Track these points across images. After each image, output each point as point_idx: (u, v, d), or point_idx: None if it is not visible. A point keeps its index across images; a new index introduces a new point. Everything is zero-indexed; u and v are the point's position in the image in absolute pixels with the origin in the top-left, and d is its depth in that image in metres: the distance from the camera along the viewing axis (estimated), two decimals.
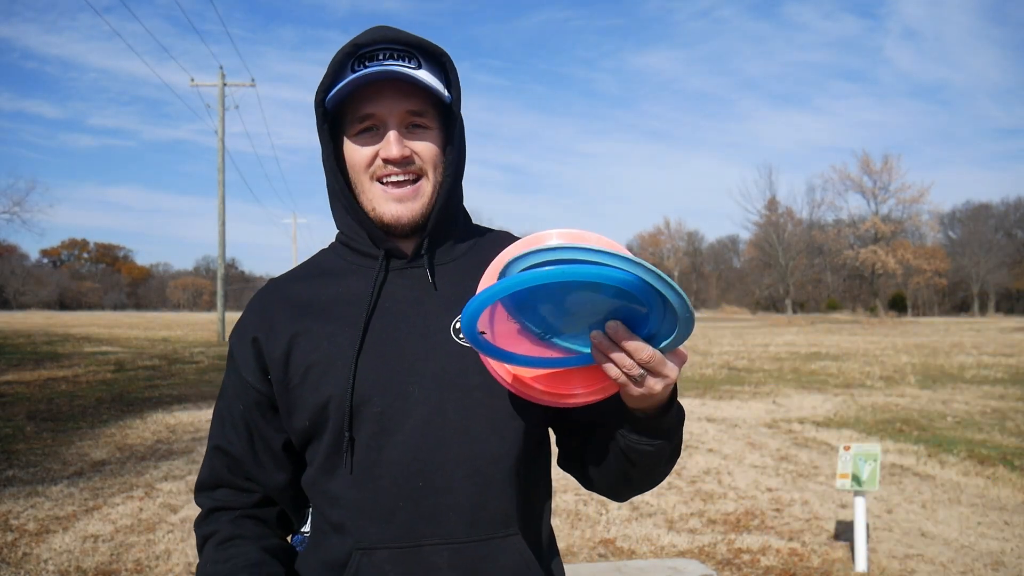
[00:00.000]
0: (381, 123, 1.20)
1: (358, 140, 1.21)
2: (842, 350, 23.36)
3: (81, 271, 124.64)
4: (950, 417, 10.33)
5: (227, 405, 1.29)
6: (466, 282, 1.22)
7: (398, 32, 1.20)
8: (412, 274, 1.24)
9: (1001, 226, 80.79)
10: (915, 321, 56.69)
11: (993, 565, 4.73)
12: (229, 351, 1.30)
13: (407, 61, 1.19)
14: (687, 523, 5.52)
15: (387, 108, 1.18)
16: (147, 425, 9.23)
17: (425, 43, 1.20)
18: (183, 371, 16.12)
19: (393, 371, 1.17)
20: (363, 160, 1.20)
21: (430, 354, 1.18)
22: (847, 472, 4.68)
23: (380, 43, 1.18)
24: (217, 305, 28.06)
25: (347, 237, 1.28)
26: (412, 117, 1.20)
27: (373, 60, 1.18)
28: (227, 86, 28.29)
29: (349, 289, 1.24)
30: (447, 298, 1.22)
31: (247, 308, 1.32)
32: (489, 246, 1.27)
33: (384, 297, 1.22)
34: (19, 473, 6.68)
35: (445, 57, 1.22)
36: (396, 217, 1.21)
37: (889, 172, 68.30)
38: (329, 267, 1.29)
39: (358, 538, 1.15)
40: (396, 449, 1.15)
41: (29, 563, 4.56)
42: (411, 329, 1.20)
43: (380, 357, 1.18)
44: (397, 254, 1.24)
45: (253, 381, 1.24)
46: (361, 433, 1.16)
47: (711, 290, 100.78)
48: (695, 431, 9.27)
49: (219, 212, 27.76)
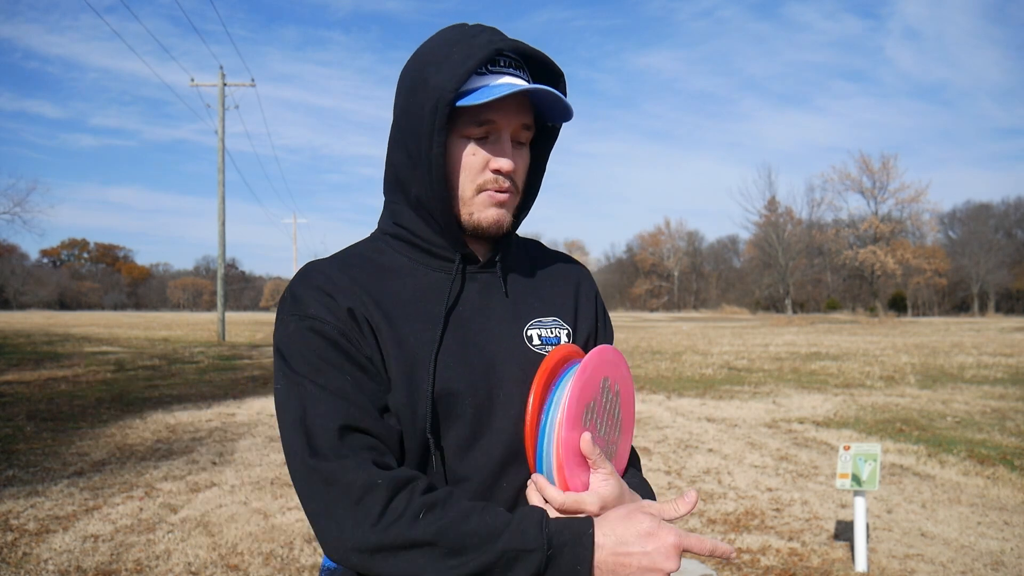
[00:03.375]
0: (495, 132, 1.16)
1: (474, 145, 1.17)
2: (842, 350, 23.35)
3: (81, 271, 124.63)
4: (950, 417, 10.33)
5: (321, 388, 1.08)
6: (527, 290, 1.28)
7: (526, 45, 1.18)
8: (482, 279, 1.24)
9: (1001, 226, 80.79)
10: (915, 321, 56.68)
11: (993, 565, 4.73)
12: (307, 324, 1.12)
13: (522, 73, 1.17)
14: (687, 523, 5.52)
15: (508, 119, 1.16)
16: (147, 425, 9.22)
17: (547, 59, 1.19)
18: (183, 371, 16.12)
19: (480, 373, 1.17)
20: (477, 166, 1.16)
21: (509, 358, 1.19)
22: (847, 472, 4.68)
23: (512, 52, 1.15)
24: (217, 305, 28.07)
25: (410, 234, 1.22)
26: (523, 132, 1.19)
27: (496, 65, 1.14)
28: (227, 86, 28.29)
29: (419, 287, 1.20)
30: (516, 305, 1.25)
31: (316, 280, 1.16)
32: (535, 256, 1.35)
33: (463, 301, 1.21)
34: (19, 473, 6.68)
35: (562, 77, 1.21)
36: (497, 222, 1.19)
37: (888, 172, 68.34)
38: (388, 264, 1.22)
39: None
40: (485, 451, 1.15)
41: (29, 563, 4.56)
42: (488, 334, 1.20)
43: (464, 359, 1.16)
44: (471, 259, 1.24)
45: (368, 351, 1.12)
46: (450, 434, 1.14)
47: (711, 290, 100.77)
48: (695, 431, 9.27)
49: (219, 212, 27.75)
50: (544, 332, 1.24)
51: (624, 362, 1.24)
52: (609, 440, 1.20)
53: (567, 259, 1.40)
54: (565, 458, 1.12)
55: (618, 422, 1.23)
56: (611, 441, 1.21)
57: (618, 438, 1.23)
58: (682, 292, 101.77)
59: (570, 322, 1.29)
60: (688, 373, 16.41)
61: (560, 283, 1.33)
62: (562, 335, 1.26)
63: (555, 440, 1.12)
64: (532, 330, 1.23)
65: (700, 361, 19.27)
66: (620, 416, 1.23)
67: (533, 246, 1.39)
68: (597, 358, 1.16)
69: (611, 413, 1.21)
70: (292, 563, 4.61)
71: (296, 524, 5.34)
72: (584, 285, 1.35)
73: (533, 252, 1.37)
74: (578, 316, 1.31)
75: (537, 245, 1.40)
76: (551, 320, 1.26)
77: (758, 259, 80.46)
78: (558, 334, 1.25)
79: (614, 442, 1.22)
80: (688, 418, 10.29)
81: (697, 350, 23.63)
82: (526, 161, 1.23)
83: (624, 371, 1.24)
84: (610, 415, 1.20)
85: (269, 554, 4.76)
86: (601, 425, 1.18)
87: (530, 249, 1.37)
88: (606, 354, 1.19)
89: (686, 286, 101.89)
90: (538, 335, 1.23)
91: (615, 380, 1.21)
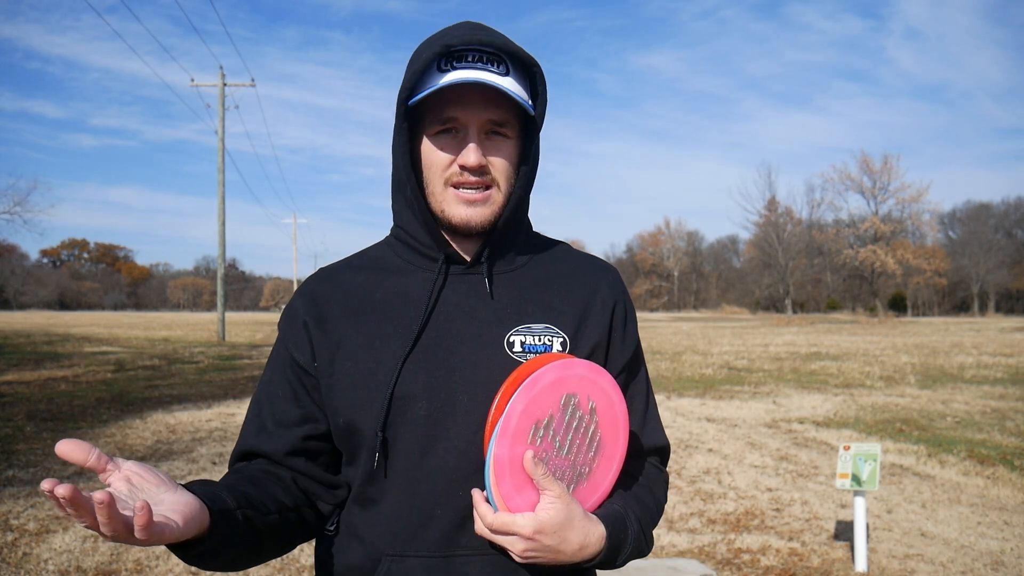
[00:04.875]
0: (462, 127, 1.16)
1: (437, 141, 1.17)
2: (842, 350, 23.35)
3: (81, 271, 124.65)
4: (950, 417, 10.33)
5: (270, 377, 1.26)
6: (523, 294, 1.22)
7: (491, 34, 1.16)
8: (470, 280, 1.22)
9: (1001, 226, 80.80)
10: (915, 321, 56.68)
11: (993, 565, 4.73)
12: (279, 334, 1.27)
13: (495, 66, 1.15)
14: (687, 523, 5.52)
15: (470, 114, 1.15)
16: (147, 425, 9.22)
17: (516, 49, 1.16)
18: (183, 371, 16.12)
19: (443, 376, 1.15)
20: (441, 162, 1.17)
21: (481, 364, 1.16)
22: (847, 472, 4.68)
23: (472, 45, 1.14)
24: (217, 305, 28.07)
25: (406, 235, 1.24)
26: (493, 126, 1.17)
27: (462, 60, 1.14)
28: (227, 86, 28.29)
29: (405, 289, 1.22)
30: (503, 308, 1.20)
31: (298, 293, 1.28)
32: (549, 260, 1.29)
33: (440, 301, 1.20)
34: (19, 473, 6.68)
35: (536, 67, 1.18)
36: (466, 220, 1.18)
37: (889, 172, 68.27)
38: (386, 263, 1.26)
39: (390, 543, 1.14)
40: (439, 456, 1.13)
41: (29, 563, 4.56)
42: (464, 336, 1.18)
43: (431, 361, 1.16)
44: (457, 259, 1.22)
45: (300, 359, 1.22)
46: (405, 436, 1.14)
47: (711, 290, 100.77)
48: (695, 431, 9.27)
49: (219, 212, 27.75)
50: (530, 339, 1.18)
51: (608, 379, 1.15)
52: (577, 462, 1.13)
53: (592, 265, 1.32)
54: (504, 475, 1.07)
55: (595, 443, 1.14)
56: (580, 463, 1.13)
57: (593, 459, 1.14)
58: (682, 292, 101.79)
59: (569, 331, 1.21)
60: (688, 373, 16.41)
61: (571, 289, 1.26)
62: (554, 343, 1.19)
63: (491, 454, 1.07)
64: (516, 336, 1.18)
65: (700, 361, 19.27)
66: (599, 436, 1.14)
67: (559, 248, 1.34)
68: (557, 372, 1.09)
69: (580, 432, 1.12)
70: (292, 563, 4.61)
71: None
72: (603, 293, 1.27)
73: (554, 255, 1.31)
74: (583, 325, 1.23)
75: (564, 248, 1.34)
76: (542, 327, 1.19)
77: (758, 259, 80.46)
78: (548, 342, 1.18)
79: (585, 464, 1.14)
80: (688, 418, 10.29)
81: (697, 350, 23.63)
82: (507, 154, 1.19)
83: (606, 387, 1.14)
84: (579, 434, 1.12)
85: None
86: (563, 445, 1.11)
87: (552, 250, 1.32)
88: (575, 368, 1.11)
89: (686, 286, 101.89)
90: (521, 342, 1.17)
91: (590, 397, 1.12)
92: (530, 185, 1.25)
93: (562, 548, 1.07)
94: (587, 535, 1.09)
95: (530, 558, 1.08)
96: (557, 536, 1.06)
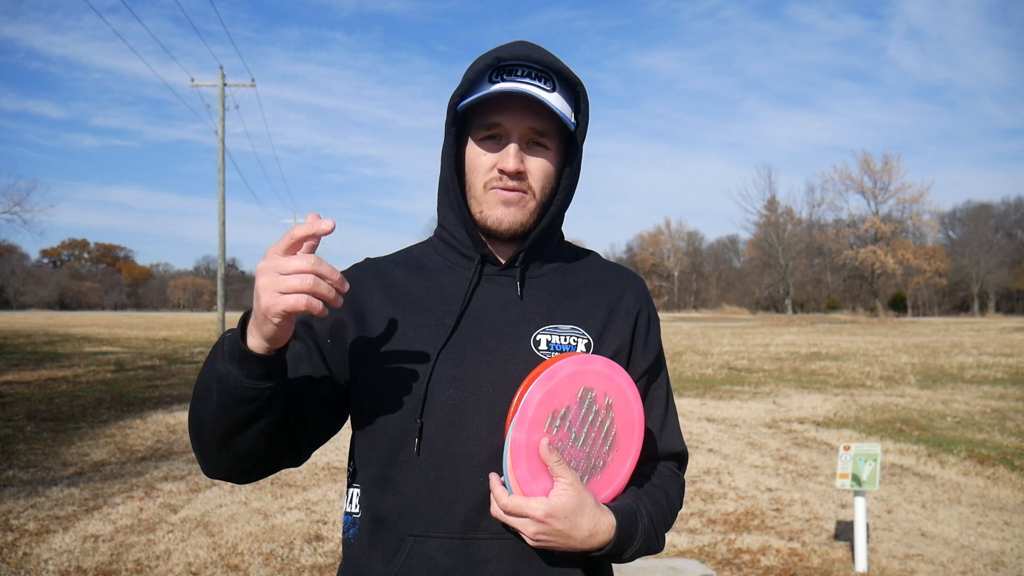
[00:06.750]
0: (505, 134, 1.24)
1: (482, 145, 1.25)
2: (842, 350, 23.35)
3: (81, 271, 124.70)
4: (950, 417, 10.33)
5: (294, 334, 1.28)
6: (551, 298, 1.30)
7: (541, 52, 1.24)
8: (502, 281, 1.29)
9: (1001, 226, 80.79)
10: (915, 321, 56.68)
11: (993, 565, 4.73)
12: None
13: (543, 82, 1.23)
14: (687, 523, 5.52)
15: (513, 121, 1.23)
16: (147, 425, 9.23)
17: (563, 68, 1.24)
18: (183, 371, 16.12)
19: (470, 367, 1.22)
20: (483, 166, 1.25)
21: (508, 358, 1.23)
22: (847, 472, 4.68)
23: (522, 60, 1.22)
24: (217, 305, 28.05)
25: (448, 235, 1.33)
26: (534, 135, 1.24)
27: (512, 74, 1.22)
28: (227, 86, 28.27)
29: (442, 286, 1.29)
30: (532, 309, 1.28)
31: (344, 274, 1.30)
32: (579, 268, 1.36)
33: (474, 298, 1.28)
34: (19, 473, 6.68)
35: (580, 87, 1.26)
36: (499, 220, 1.25)
37: (889, 172, 68.33)
38: (426, 261, 1.34)
39: (414, 524, 1.19)
40: (464, 442, 1.20)
41: (29, 563, 4.56)
42: (493, 332, 1.25)
43: (461, 354, 1.23)
44: (492, 260, 1.29)
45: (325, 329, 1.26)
46: (431, 422, 1.20)
47: (711, 290, 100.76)
48: (695, 431, 9.27)
49: (219, 212, 27.75)
50: (556, 339, 1.25)
51: (626, 377, 1.21)
52: (592, 454, 1.18)
53: (619, 273, 1.39)
54: (521, 459, 1.13)
55: (610, 437, 1.19)
56: (594, 456, 1.18)
57: (607, 453, 1.20)
58: (682, 292, 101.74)
59: (595, 334, 1.28)
60: (688, 373, 16.42)
61: (597, 295, 1.33)
62: (579, 344, 1.26)
63: (509, 439, 1.13)
64: (542, 335, 1.25)
65: (700, 361, 19.28)
66: (614, 432, 1.20)
67: (590, 258, 1.41)
68: (575, 365, 1.15)
69: (596, 426, 1.18)
70: (292, 563, 4.61)
71: (296, 524, 5.34)
72: (627, 300, 1.34)
73: (585, 263, 1.38)
74: (607, 329, 1.29)
75: (594, 257, 1.42)
76: (568, 328, 1.27)
77: (758, 259, 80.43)
78: (573, 342, 1.26)
79: (599, 457, 1.19)
80: (688, 418, 10.29)
81: (697, 350, 23.63)
82: (545, 165, 1.26)
83: (623, 385, 1.20)
84: (595, 428, 1.18)
85: (269, 554, 4.76)
86: (579, 436, 1.16)
87: (582, 259, 1.39)
88: (593, 364, 1.17)
89: (686, 286, 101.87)
90: (547, 340, 1.25)
91: (606, 393, 1.18)
92: (569, 197, 1.32)
93: (572, 533, 1.13)
94: (597, 523, 1.15)
95: (541, 541, 1.14)
96: (568, 521, 1.13)
